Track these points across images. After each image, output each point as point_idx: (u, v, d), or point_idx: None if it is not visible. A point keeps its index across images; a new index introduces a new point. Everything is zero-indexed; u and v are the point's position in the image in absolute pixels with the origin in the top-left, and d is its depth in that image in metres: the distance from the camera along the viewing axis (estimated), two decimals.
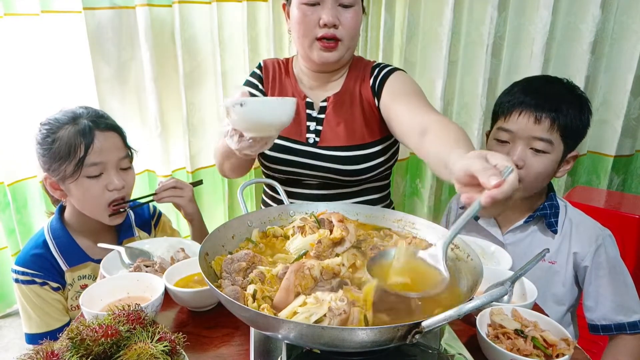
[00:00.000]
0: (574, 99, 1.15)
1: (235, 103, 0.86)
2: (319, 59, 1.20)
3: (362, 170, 1.23)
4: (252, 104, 0.87)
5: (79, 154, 1.14)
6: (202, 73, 2.23)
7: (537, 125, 1.12)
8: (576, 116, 1.13)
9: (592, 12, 1.86)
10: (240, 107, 0.86)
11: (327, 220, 0.95)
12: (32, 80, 2.06)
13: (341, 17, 1.15)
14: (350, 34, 1.18)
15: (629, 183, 2.14)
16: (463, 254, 0.85)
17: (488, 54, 2.01)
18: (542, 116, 1.12)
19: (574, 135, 1.15)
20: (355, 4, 1.17)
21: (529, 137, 1.14)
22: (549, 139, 1.13)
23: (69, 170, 1.15)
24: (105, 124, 1.21)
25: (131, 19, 2.05)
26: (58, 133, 1.16)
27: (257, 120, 0.89)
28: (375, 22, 2.19)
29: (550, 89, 1.17)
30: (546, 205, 1.21)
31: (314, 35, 1.17)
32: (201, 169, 2.36)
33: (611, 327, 1.15)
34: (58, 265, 1.22)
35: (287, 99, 0.91)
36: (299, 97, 1.29)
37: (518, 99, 1.16)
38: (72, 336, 0.66)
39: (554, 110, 1.12)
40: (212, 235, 0.88)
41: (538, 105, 1.13)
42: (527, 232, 1.24)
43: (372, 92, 1.26)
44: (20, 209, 2.19)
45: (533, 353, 0.77)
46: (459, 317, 0.58)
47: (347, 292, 0.72)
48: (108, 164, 1.19)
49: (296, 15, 1.17)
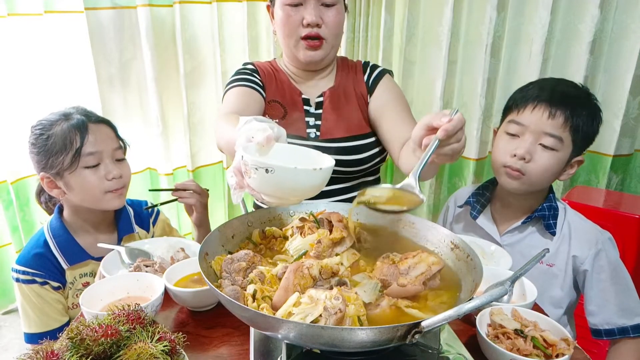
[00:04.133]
0: (589, 103, 1.15)
1: (260, 166, 0.68)
2: (304, 58, 1.23)
3: (364, 159, 1.27)
4: (283, 172, 0.69)
5: (76, 145, 1.17)
6: (203, 73, 2.24)
7: (551, 120, 1.11)
8: (589, 121, 1.13)
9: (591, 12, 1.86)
10: (266, 173, 0.68)
11: (326, 220, 0.95)
12: (34, 79, 2.07)
13: (324, 17, 1.19)
14: (333, 32, 1.22)
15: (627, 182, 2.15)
16: (463, 254, 0.85)
17: (487, 54, 2.01)
18: (557, 112, 1.11)
19: (584, 139, 1.15)
20: (337, 3, 1.20)
21: (541, 131, 1.13)
22: (560, 136, 1.12)
23: (67, 161, 1.17)
24: (96, 117, 1.26)
25: (132, 19, 2.06)
26: (51, 130, 1.19)
27: (284, 189, 0.72)
28: (375, 22, 2.19)
29: (567, 90, 1.16)
30: (545, 207, 1.21)
31: (298, 35, 1.20)
32: (202, 167, 2.37)
33: (614, 331, 1.14)
34: (59, 264, 1.23)
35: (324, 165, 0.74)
36: (295, 94, 1.30)
37: (534, 94, 1.16)
38: (72, 336, 0.66)
39: (569, 108, 1.11)
40: (212, 235, 0.88)
41: (554, 101, 1.12)
42: (525, 233, 1.24)
43: (366, 87, 1.32)
44: (23, 206, 2.21)
45: (533, 353, 0.77)
46: (458, 317, 0.58)
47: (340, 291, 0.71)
48: (104, 153, 1.22)
49: (280, 16, 1.20)
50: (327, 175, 0.75)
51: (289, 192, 0.73)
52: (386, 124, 1.24)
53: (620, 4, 1.90)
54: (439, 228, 0.93)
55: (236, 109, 1.17)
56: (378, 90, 1.30)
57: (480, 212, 1.30)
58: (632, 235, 1.66)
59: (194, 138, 2.26)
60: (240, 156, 0.71)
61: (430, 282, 0.80)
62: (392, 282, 0.78)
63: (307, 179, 0.72)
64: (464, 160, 2.28)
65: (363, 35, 2.23)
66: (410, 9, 2.11)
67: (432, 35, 2.12)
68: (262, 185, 0.71)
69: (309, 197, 0.77)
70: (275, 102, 1.30)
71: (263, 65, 1.36)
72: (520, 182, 1.16)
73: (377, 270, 0.82)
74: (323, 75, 1.33)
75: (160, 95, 2.15)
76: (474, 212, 1.31)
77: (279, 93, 1.31)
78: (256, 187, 0.72)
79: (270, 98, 1.30)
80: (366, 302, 0.74)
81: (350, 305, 0.68)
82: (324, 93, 1.31)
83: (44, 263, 1.21)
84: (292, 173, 0.70)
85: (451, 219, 1.43)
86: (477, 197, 1.33)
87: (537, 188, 1.20)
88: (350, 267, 0.86)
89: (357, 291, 0.75)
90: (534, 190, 1.20)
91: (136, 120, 2.25)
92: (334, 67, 1.36)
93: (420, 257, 0.81)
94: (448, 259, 0.88)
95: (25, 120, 2.09)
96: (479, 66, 2.05)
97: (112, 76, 2.13)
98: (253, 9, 2.15)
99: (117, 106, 2.17)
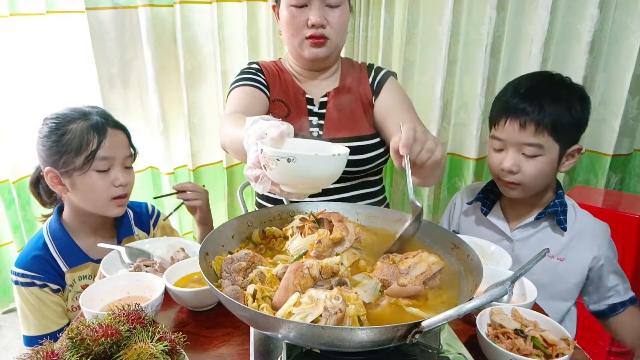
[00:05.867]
0: (561, 94, 1.13)
1: (281, 156, 0.70)
2: (309, 56, 1.24)
3: (366, 160, 1.28)
4: (304, 160, 0.71)
5: (91, 147, 1.16)
6: (203, 72, 2.25)
7: (523, 131, 1.13)
8: (564, 112, 1.11)
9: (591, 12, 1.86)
10: (288, 162, 0.70)
11: (326, 220, 0.95)
12: (36, 78, 2.08)
13: (328, 17, 1.19)
14: (337, 33, 1.22)
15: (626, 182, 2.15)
16: (463, 254, 0.85)
17: (487, 54, 2.01)
18: (526, 121, 1.12)
19: (567, 131, 1.13)
20: (341, 4, 1.21)
21: (519, 143, 1.14)
22: (538, 143, 1.12)
23: (79, 162, 1.16)
24: (115, 122, 1.25)
25: (133, 18, 2.07)
26: (68, 126, 1.17)
27: (304, 177, 0.74)
28: (375, 22, 2.20)
29: (536, 89, 1.15)
30: (557, 203, 1.22)
31: (303, 35, 1.21)
32: (202, 166, 2.37)
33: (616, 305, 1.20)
34: (58, 267, 1.22)
35: (341, 151, 0.77)
36: (298, 93, 1.30)
37: (504, 106, 1.17)
38: (72, 336, 0.66)
39: (537, 113, 1.11)
40: (212, 235, 0.88)
41: (522, 111, 1.12)
42: (538, 229, 1.25)
43: (371, 89, 1.32)
44: (25, 205, 2.22)
45: (533, 353, 0.77)
46: (458, 316, 0.58)
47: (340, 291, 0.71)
48: (115, 160, 1.22)
49: (285, 16, 1.21)
50: (344, 162, 0.78)
51: (309, 181, 0.75)
52: (390, 127, 1.25)
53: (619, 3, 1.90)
54: (439, 228, 0.93)
55: (241, 108, 1.18)
56: (383, 93, 1.30)
57: (491, 208, 1.32)
58: (632, 235, 1.66)
59: (194, 137, 2.27)
60: (260, 150, 0.73)
61: (431, 282, 0.80)
62: (392, 282, 0.78)
63: (327, 166, 0.75)
64: (464, 160, 2.28)
65: (363, 35, 2.23)
66: (410, 9, 2.11)
67: (432, 35, 2.12)
68: (283, 176, 0.74)
69: (326, 186, 0.80)
70: (279, 101, 1.31)
71: (268, 65, 1.36)
72: (518, 192, 1.20)
73: (377, 270, 0.82)
74: (327, 75, 1.34)
75: (161, 94, 2.15)
76: (484, 207, 1.33)
77: (283, 92, 1.32)
78: (276, 178, 0.75)
79: (274, 97, 1.31)
80: (366, 302, 0.74)
81: (350, 305, 0.68)
82: (328, 93, 1.32)
83: (44, 266, 1.21)
84: (313, 160, 0.73)
85: (458, 216, 1.43)
86: (486, 193, 1.35)
87: (538, 190, 1.21)
88: (350, 267, 0.86)
89: (357, 291, 0.75)
90: (536, 192, 1.22)
91: (137, 120, 2.26)
92: (339, 67, 1.36)
93: (421, 257, 0.81)
94: (448, 259, 0.88)
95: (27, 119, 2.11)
96: (479, 66, 2.05)
97: (113, 76, 2.14)
98: (253, 9, 2.15)
99: (118, 105, 2.18)
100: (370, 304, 0.76)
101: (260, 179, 0.77)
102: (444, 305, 0.76)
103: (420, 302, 0.77)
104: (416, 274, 0.78)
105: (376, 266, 0.83)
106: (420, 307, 0.75)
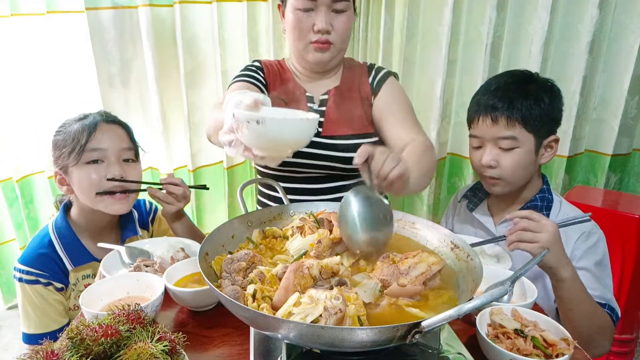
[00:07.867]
0: (529, 89, 1.18)
1: (251, 119, 0.74)
2: (313, 60, 1.24)
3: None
4: (272, 123, 0.75)
5: (82, 141, 1.18)
6: (203, 72, 2.25)
7: (495, 126, 1.17)
8: (533, 105, 1.15)
9: (590, 12, 1.86)
10: (257, 124, 0.74)
11: (326, 220, 0.95)
12: (37, 78, 2.09)
13: (334, 23, 1.19)
14: (342, 38, 1.23)
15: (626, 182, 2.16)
16: (463, 254, 0.85)
17: (487, 54, 2.02)
18: (497, 116, 1.17)
19: (539, 123, 1.17)
20: (347, 9, 1.21)
21: (494, 138, 1.19)
22: (512, 136, 1.16)
23: (71, 155, 1.18)
24: (110, 118, 1.27)
25: (133, 18, 2.07)
26: (68, 129, 1.21)
27: (274, 140, 0.77)
28: (375, 22, 2.19)
29: (505, 86, 1.20)
30: (537, 198, 1.24)
31: (308, 40, 1.21)
32: (202, 167, 2.37)
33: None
34: (63, 265, 1.22)
35: (310, 116, 0.82)
36: (299, 91, 1.31)
37: (477, 105, 1.22)
38: (72, 336, 0.66)
39: (506, 107, 1.16)
40: (212, 235, 0.88)
41: (493, 107, 1.17)
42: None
43: (370, 88, 1.32)
44: (28, 203, 2.24)
45: (533, 353, 0.77)
46: (458, 317, 0.59)
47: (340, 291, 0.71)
48: (109, 151, 1.21)
49: (291, 19, 1.20)
50: (314, 127, 0.82)
51: (279, 144, 0.79)
52: (387, 126, 1.26)
53: (619, 4, 1.90)
54: (439, 228, 0.94)
55: None
56: (382, 92, 1.31)
57: (477, 205, 1.34)
58: (631, 235, 1.66)
59: (194, 138, 2.27)
60: (232, 114, 0.77)
61: (431, 282, 0.80)
62: (392, 282, 0.78)
63: (295, 129, 0.79)
64: (463, 159, 2.28)
65: (363, 35, 2.23)
66: (410, 9, 2.11)
67: (432, 35, 2.12)
68: (253, 139, 0.77)
69: (297, 149, 0.84)
70: (277, 98, 1.31)
71: (270, 63, 1.37)
72: (500, 187, 1.22)
73: (377, 270, 0.82)
74: (329, 76, 1.34)
75: (161, 94, 2.15)
76: (470, 204, 1.35)
77: (283, 90, 1.32)
78: (248, 142, 0.78)
79: (273, 94, 1.31)
80: (366, 302, 0.74)
81: (350, 305, 0.68)
82: (329, 91, 1.32)
83: (49, 264, 1.20)
84: (282, 123, 0.77)
85: (452, 215, 1.45)
86: (474, 190, 1.37)
87: (520, 184, 1.23)
88: (350, 267, 0.86)
89: (357, 291, 0.75)
90: (520, 186, 1.23)
91: (137, 120, 2.25)
92: (341, 67, 1.37)
93: (421, 257, 0.81)
94: (448, 259, 0.88)
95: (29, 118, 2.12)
96: (479, 66, 2.06)
97: (113, 76, 2.14)
98: (253, 9, 2.15)
99: (118, 105, 2.18)
100: (370, 304, 0.76)
101: (233, 143, 0.80)
102: (444, 306, 0.76)
103: (420, 302, 0.77)
104: (416, 274, 0.78)
105: (376, 266, 0.84)
106: (420, 307, 0.75)
